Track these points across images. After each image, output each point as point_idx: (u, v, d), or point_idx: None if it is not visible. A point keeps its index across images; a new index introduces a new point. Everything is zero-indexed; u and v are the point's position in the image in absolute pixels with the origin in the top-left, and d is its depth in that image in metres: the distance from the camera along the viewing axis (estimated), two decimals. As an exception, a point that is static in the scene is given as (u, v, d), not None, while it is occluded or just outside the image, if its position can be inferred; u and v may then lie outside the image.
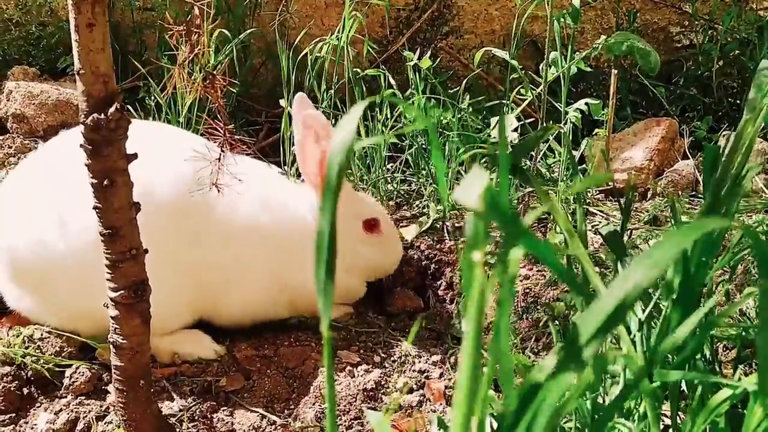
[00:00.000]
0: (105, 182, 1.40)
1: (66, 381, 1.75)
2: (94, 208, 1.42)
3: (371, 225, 2.02)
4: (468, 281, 0.54)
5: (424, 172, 2.53)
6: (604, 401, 1.00)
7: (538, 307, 1.87)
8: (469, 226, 0.54)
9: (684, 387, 1.09)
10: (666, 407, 1.09)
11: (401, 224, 2.41)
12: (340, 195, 2.05)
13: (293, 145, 2.74)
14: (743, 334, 1.13)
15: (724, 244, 1.57)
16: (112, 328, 1.49)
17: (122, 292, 1.46)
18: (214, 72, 1.67)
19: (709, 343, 1.19)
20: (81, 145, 1.41)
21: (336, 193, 0.64)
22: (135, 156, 1.44)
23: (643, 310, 0.98)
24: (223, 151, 1.73)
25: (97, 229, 1.43)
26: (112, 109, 1.38)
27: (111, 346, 1.50)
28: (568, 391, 0.59)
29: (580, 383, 0.66)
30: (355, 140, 0.62)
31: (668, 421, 1.08)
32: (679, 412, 1.09)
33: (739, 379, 1.17)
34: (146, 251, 1.49)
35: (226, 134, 1.72)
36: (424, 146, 2.58)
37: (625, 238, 2.00)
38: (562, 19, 2.67)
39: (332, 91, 2.75)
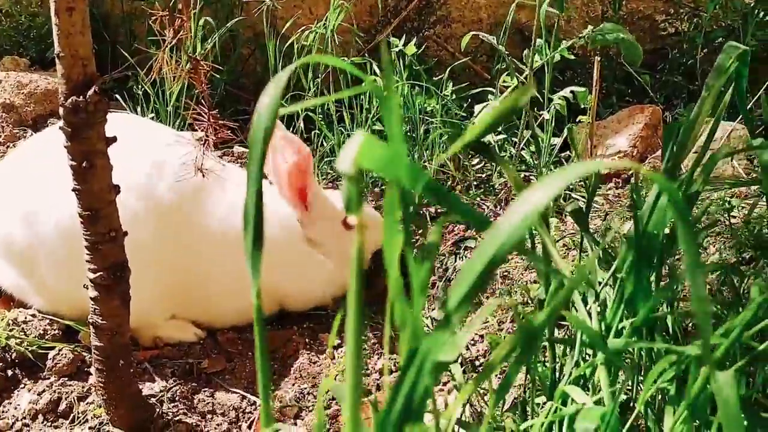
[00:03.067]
0: (84, 164, 1.42)
1: (49, 363, 1.78)
2: (74, 190, 1.44)
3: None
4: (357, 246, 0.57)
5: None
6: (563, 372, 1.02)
7: (516, 290, 1.90)
8: (344, 191, 0.56)
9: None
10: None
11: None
12: (320, 202, 2.05)
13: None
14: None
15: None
16: (91, 309, 1.51)
17: (101, 273, 1.48)
18: (198, 57, 1.69)
19: (677, 318, 1.22)
20: (60, 128, 1.43)
21: (261, 160, 0.66)
22: (114, 139, 1.46)
23: (600, 283, 1.01)
24: (207, 136, 1.76)
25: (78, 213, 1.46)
26: (90, 92, 1.40)
27: (90, 327, 1.52)
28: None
29: (507, 347, 0.68)
30: (279, 105, 0.65)
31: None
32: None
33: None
34: (126, 233, 1.51)
35: (210, 119, 1.75)
36: (409, 134, 2.59)
37: (600, 221, 2.03)
38: (549, 8, 2.69)
39: (319, 80, 2.76)
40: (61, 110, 1.40)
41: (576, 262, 1.97)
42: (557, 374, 1.06)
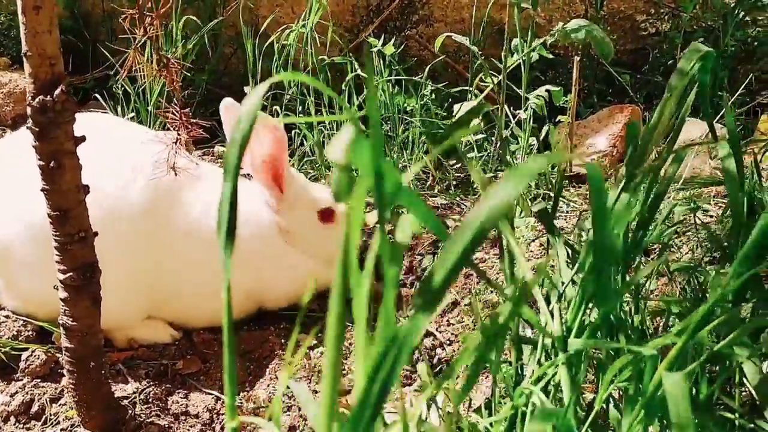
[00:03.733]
0: (52, 164, 1.41)
1: (22, 364, 1.76)
2: (42, 190, 1.43)
3: (326, 215, 2.03)
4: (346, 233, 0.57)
5: (387, 158, 2.54)
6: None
7: (492, 290, 1.90)
8: (334, 180, 0.56)
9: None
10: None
11: (365, 210, 2.43)
12: (296, 188, 2.04)
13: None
14: (671, 308, 1.16)
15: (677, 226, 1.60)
16: (62, 310, 1.50)
17: (71, 274, 1.47)
18: (169, 56, 1.68)
19: (643, 315, 1.22)
20: (28, 127, 1.42)
21: (236, 170, 0.67)
22: (83, 138, 1.45)
23: (563, 283, 1.01)
24: (179, 134, 1.75)
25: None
26: (57, 91, 1.39)
27: (61, 328, 1.51)
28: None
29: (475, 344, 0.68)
30: (257, 115, 0.66)
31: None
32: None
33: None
34: (96, 234, 1.50)
35: (182, 117, 1.74)
36: (388, 134, 2.59)
37: (576, 219, 2.03)
38: (527, 7, 2.70)
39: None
40: (28, 110, 1.39)
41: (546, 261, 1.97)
42: (521, 374, 1.06)
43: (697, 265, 1.28)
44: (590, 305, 1.04)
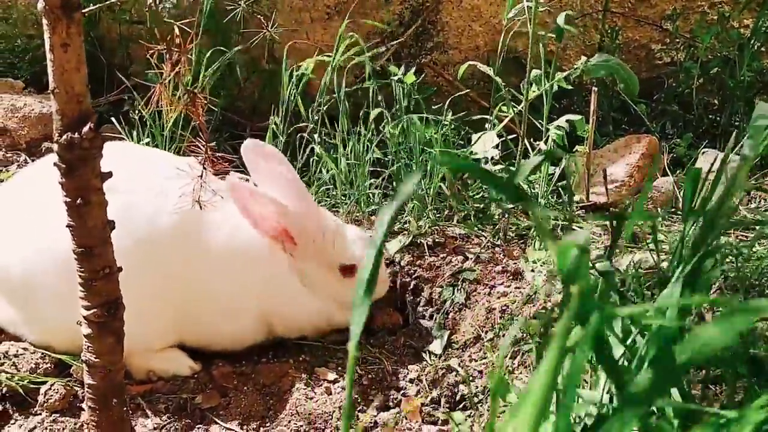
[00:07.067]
0: (78, 201, 1.40)
1: (41, 398, 1.74)
2: (68, 226, 1.42)
3: (348, 270, 2.03)
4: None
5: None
6: None
7: (515, 324, 1.88)
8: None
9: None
10: None
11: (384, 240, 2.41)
12: (322, 240, 2.00)
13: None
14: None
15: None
16: (85, 347, 1.48)
17: (95, 310, 1.45)
18: (195, 90, 1.68)
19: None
20: (55, 164, 1.41)
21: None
22: (110, 174, 1.44)
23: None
24: (205, 168, 1.75)
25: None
26: (85, 129, 1.38)
27: (84, 365, 1.50)
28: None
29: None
30: (384, 249, 0.67)
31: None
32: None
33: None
34: (120, 269, 1.49)
35: (208, 151, 1.73)
36: (407, 162, 2.58)
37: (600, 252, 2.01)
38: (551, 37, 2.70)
39: (318, 106, 2.75)
40: (55, 147, 1.38)
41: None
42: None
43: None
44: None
